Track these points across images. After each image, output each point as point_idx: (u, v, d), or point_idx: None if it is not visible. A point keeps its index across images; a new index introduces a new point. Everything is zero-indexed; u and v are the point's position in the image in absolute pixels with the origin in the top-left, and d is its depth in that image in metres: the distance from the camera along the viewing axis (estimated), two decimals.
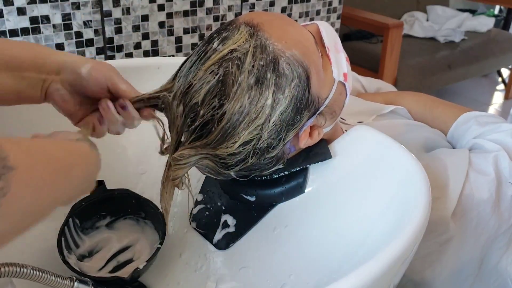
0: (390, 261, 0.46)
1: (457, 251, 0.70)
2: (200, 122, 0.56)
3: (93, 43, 1.29)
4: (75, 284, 0.53)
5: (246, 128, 0.56)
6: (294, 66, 0.56)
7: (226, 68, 0.55)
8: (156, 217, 0.68)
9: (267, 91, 0.55)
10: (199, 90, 0.55)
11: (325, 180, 0.67)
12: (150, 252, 0.66)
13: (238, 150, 0.57)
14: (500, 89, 3.11)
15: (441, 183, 0.71)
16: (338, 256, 0.60)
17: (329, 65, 0.63)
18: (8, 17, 1.15)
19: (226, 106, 0.55)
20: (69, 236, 0.65)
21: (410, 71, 2.29)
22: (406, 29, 2.59)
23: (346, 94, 0.66)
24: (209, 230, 0.69)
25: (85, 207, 0.67)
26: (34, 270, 0.47)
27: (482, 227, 0.71)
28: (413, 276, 0.70)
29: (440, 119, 0.91)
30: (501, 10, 3.52)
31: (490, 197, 0.71)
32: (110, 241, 0.69)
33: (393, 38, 2.07)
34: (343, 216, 0.64)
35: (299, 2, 1.65)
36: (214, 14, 1.47)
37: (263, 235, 0.67)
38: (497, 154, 0.75)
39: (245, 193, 0.68)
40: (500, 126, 0.81)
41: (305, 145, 0.63)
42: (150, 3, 1.33)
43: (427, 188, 0.56)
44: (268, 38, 0.56)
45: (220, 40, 0.57)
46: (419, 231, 0.50)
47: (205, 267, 0.67)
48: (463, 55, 2.52)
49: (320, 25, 0.65)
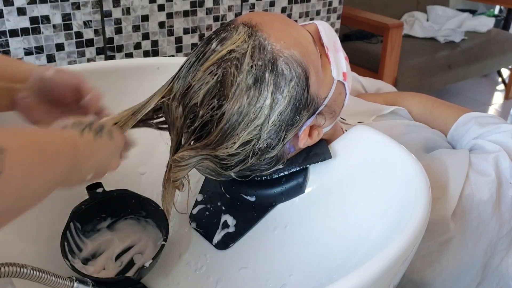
0: (390, 261, 0.46)
1: (457, 251, 0.70)
2: (200, 123, 0.56)
3: (93, 43, 1.29)
4: (75, 284, 0.53)
5: (246, 129, 0.56)
6: (293, 66, 0.56)
7: (225, 69, 0.55)
8: (157, 214, 0.68)
9: (266, 91, 0.55)
10: (198, 91, 0.55)
11: (325, 180, 0.67)
12: (154, 250, 0.66)
13: (237, 150, 0.57)
14: (500, 89, 3.11)
15: (441, 184, 0.71)
16: (338, 256, 0.60)
17: (328, 65, 0.63)
18: (8, 17, 1.15)
19: (225, 106, 0.55)
20: (71, 240, 0.65)
21: (410, 71, 2.29)
22: (406, 29, 2.59)
23: (346, 94, 0.66)
24: (209, 230, 0.69)
25: (85, 210, 0.67)
26: (34, 270, 0.47)
27: (482, 228, 0.71)
28: (413, 276, 0.70)
29: (440, 120, 0.91)
30: (501, 10, 3.52)
31: (490, 197, 0.71)
32: (113, 242, 0.69)
33: (393, 38, 2.07)
34: (343, 216, 0.64)
35: (299, 2, 1.65)
36: (214, 14, 1.47)
37: (263, 235, 0.67)
38: (497, 155, 0.74)
39: (245, 193, 0.68)
40: (500, 127, 0.81)
41: (304, 145, 0.63)
42: (150, 3, 1.33)
43: (427, 188, 0.56)
44: (266, 38, 0.56)
45: (218, 41, 0.57)
46: (419, 231, 0.50)
47: (205, 267, 0.67)
48: (463, 55, 2.52)
49: (319, 24, 0.65)
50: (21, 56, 1.19)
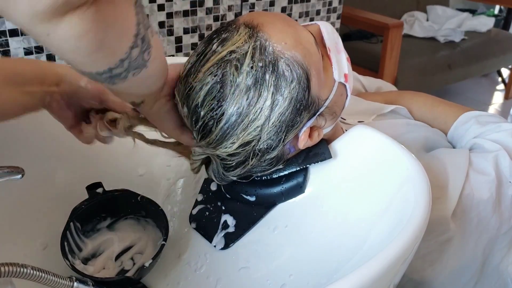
0: (390, 261, 0.46)
1: (457, 251, 0.70)
2: (202, 123, 0.56)
3: None
4: (75, 284, 0.53)
5: (245, 129, 0.56)
6: (294, 68, 0.56)
7: (225, 69, 0.55)
8: (157, 214, 0.68)
9: (266, 92, 0.55)
10: (199, 91, 0.55)
11: (325, 180, 0.67)
12: (154, 250, 0.66)
13: (237, 150, 0.57)
14: (500, 89, 3.11)
15: (441, 183, 0.71)
16: (338, 256, 0.60)
17: (329, 66, 0.63)
18: None
19: (224, 107, 0.55)
20: (71, 240, 0.65)
21: (410, 71, 2.29)
22: (406, 29, 2.59)
23: (347, 95, 0.66)
24: (209, 230, 0.69)
25: (85, 209, 0.67)
26: (34, 270, 0.47)
27: (482, 227, 0.71)
28: (413, 275, 0.70)
29: (441, 119, 0.91)
30: (501, 10, 3.52)
31: (490, 197, 0.71)
32: (113, 242, 0.69)
33: (393, 38, 2.07)
34: (343, 216, 0.64)
35: (299, 2, 1.65)
36: (214, 14, 1.47)
37: (263, 235, 0.67)
38: (497, 154, 0.74)
39: (245, 193, 0.68)
40: (500, 126, 0.81)
41: (304, 146, 0.63)
42: (150, 3, 1.33)
43: (427, 188, 0.56)
44: (268, 39, 0.56)
45: (219, 42, 0.56)
46: (419, 231, 0.50)
47: (205, 267, 0.67)
48: (463, 55, 2.52)
49: (321, 25, 0.65)
50: (20, 56, 1.18)
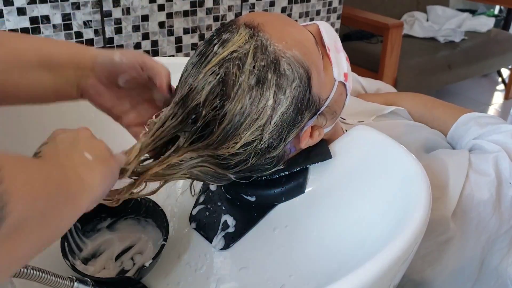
0: (390, 261, 0.46)
1: (457, 251, 0.70)
2: (202, 123, 0.55)
3: (93, 43, 1.29)
4: (75, 284, 0.53)
5: (248, 129, 0.55)
6: (295, 67, 0.56)
7: (227, 69, 0.54)
8: (157, 214, 0.68)
9: (268, 92, 0.55)
10: (201, 91, 0.55)
11: (325, 180, 0.67)
12: (154, 250, 0.66)
13: (239, 150, 0.57)
14: (500, 89, 3.11)
15: (441, 183, 0.71)
16: (338, 256, 0.60)
17: (329, 65, 0.63)
18: (8, 17, 1.15)
19: (227, 106, 0.54)
20: (71, 240, 0.65)
21: (410, 71, 2.29)
22: (406, 29, 2.59)
23: (347, 94, 0.66)
24: (209, 230, 0.69)
25: None
26: (34, 270, 0.47)
27: (482, 227, 0.71)
28: (413, 275, 0.70)
29: (440, 120, 0.91)
30: (501, 10, 3.52)
31: (490, 197, 0.71)
32: (113, 242, 0.69)
33: (393, 38, 2.07)
34: (343, 216, 0.64)
35: (299, 2, 1.65)
36: (214, 14, 1.47)
37: (263, 235, 0.67)
38: (497, 155, 0.74)
39: (245, 194, 0.68)
40: (500, 127, 0.81)
41: (306, 145, 0.63)
42: (150, 3, 1.33)
43: (427, 188, 0.56)
44: (268, 39, 0.56)
45: (220, 43, 0.56)
46: (419, 231, 0.50)
47: (205, 267, 0.67)
48: (463, 55, 2.52)
49: (320, 25, 0.65)
50: None
